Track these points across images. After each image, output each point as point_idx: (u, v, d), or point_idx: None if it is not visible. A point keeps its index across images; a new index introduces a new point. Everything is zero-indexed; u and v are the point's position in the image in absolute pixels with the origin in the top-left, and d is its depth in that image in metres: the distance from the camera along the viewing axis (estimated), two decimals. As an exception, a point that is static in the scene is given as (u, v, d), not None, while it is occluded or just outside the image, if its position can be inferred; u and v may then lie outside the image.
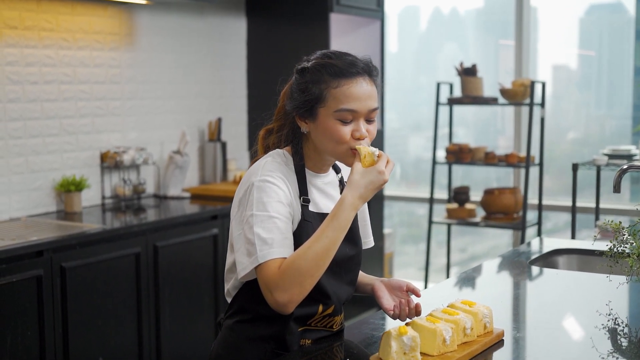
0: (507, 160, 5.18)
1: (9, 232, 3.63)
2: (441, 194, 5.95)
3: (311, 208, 2.01)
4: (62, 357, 3.51)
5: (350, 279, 2.10)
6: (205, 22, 5.04)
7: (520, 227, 5.15)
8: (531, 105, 5.07)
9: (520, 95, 5.14)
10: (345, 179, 2.16)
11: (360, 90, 1.94)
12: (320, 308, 2.01)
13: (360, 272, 2.20)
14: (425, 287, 5.36)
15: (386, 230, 5.84)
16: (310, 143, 2.02)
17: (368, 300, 5.49)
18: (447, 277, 5.61)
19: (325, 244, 1.83)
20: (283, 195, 1.92)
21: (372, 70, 1.98)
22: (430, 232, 5.52)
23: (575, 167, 4.68)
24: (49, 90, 4.14)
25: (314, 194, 2.04)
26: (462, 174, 6.36)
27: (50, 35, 4.12)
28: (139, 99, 4.65)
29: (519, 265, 2.90)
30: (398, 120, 6.94)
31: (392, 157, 1.95)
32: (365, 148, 1.90)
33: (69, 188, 4.14)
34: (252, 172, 1.97)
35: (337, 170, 2.15)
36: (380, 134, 5.58)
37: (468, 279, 2.76)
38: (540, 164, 5.25)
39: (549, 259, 3.07)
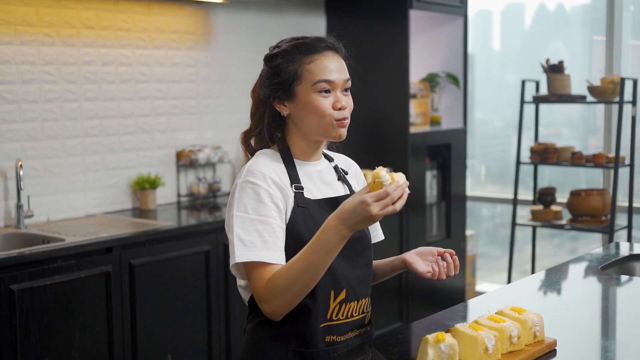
0: (595, 161, 4.97)
1: (82, 229, 3.69)
2: (530, 195, 5.76)
3: (306, 194, 1.99)
4: (130, 354, 3.54)
5: (364, 261, 2.05)
6: (284, 20, 5.02)
7: (608, 230, 4.93)
8: (621, 103, 4.84)
9: (610, 92, 4.92)
10: (341, 167, 2.14)
11: (332, 62, 1.99)
12: (332, 294, 1.96)
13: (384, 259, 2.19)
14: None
15: (468, 232, 5.69)
16: (293, 128, 2.04)
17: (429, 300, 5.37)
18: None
19: (304, 265, 1.81)
20: (265, 194, 1.91)
21: (338, 47, 2.04)
22: (514, 234, 5.35)
23: (666, 168, 4.44)
24: (125, 89, 4.20)
25: (306, 182, 2.02)
26: (554, 175, 6.15)
27: (127, 35, 4.18)
28: (215, 98, 4.66)
29: (589, 270, 2.75)
30: (501, 119, 6.77)
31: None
32: (378, 173, 1.77)
33: (144, 186, 4.19)
34: (239, 174, 1.98)
35: (329, 159, 2.14)
36: (462, 133, 5.44)
37: (531, 283, 2.63)
38: (631, 165, 5.01)
39: (624, 265, 2.90)
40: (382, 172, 1.77)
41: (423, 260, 2.09)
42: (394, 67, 5.01)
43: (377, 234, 2.21)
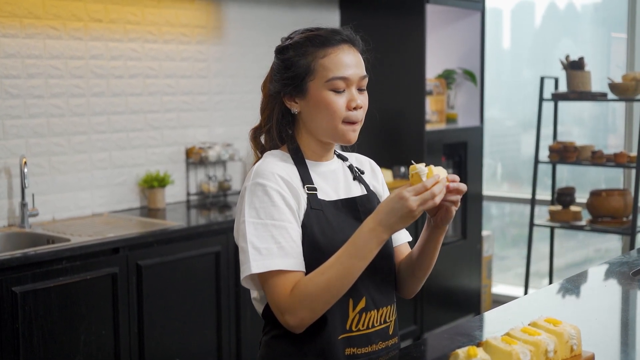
0: (616, 160, 4.82)
1: (88, 228, 3.57)
2: (545, 195, 5.62)
3: (321, 196, 1.85)
4: (137, 358, 3.42)
5: (386, 267, 1.91)
6: (297, 14, 4.89)
7: (629, 232, 4.78)
8: (643, 101, 4.70)
9: (632, 90, 4.78)
10: (356, 166, 2.01)
11: (348, 57, 1.84)
12: (351, 303, 1.82)
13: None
14: (526, 294, 5.06)
15: (485, 233, 5.55)
16: (303, 128, 1.89)
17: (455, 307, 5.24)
18: (550, 283, 5.29)
19: (339, 271, 1.69)
20: (277, 196, 1.77)
21: (355, 40, 1.89)
22: (532, 235, 5.20)
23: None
24: (134, 84, 4.08)
25: (320, 182, 1.88)
26: (571, 175, 6.00)
27: (136, 28, 4.06)
28: (226, 94, 4.54)
29: (621, 276, 2.61)
30: (511, 118, 6.65)
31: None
32: (415, 166, 1.69)
33: (152, 184, 4.07)
34: (247, 177, 1.84)
35: (343, 159, 2.00)
36: (478, 131, 5.31)
37: (561, 291, 2.50)
38: (653, 164, 4.85)
39: (656, 270, 2.76)
40: (418, 165, 1.68)
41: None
42: (409, 63, 4.88)
43: (401, 235, 2.05)
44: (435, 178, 1.67)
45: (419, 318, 4.87)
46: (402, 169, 4.93)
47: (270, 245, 1.73)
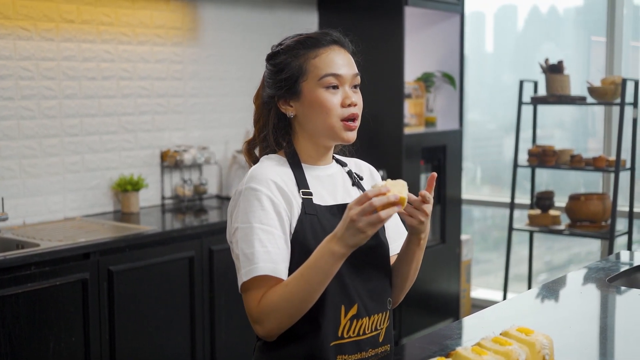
0: (595, 164, 4.80)
1: (59, 233, 3.50)
2: (526, 199, 5.59)
3: (316, 201, 1.84)
4: (108, 365, 3.36)
5: (379, 274, 1.89)
6: (275, 16, 4.84)
7: (608, 236, 4.76)
8: (622, 104, 4.68)
9: (611, 94, 4.76)
10: (355, 172, 2.00)
11: (339, 56, 1.86)
12: (343, 309, 1.80)
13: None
14: (504, 299, 5.03)
15: (464, 237, 5.52)
16: (299, 131, 1.89)
17: (435, 311, 5.21)
18: (529, 288, 5.26)
19: (300, 283, 1.68)
20: (267, 202, 1.76)
21: (344, 42, 1.91)
22: (511, 239, 5.17)
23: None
24: (107, 87, 4.01)
25: (316, 186, 1.87)
26: (551, 179, 5.98)
27: (109, 29, 3.99)
28: (202, 96, 4.48)
29: (597, 282, 2.58)
30: (493, 121, 6.63)
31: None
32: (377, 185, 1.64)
33: (126, 188, 4.01)
34: (242, 180, 1.83)
35: (342, 164, 2.00)
36: (458, 134, 5.28)
37: (539, 297, 2.46)
38: (632, 168, 4.84)
39: (633, 276, 2.73)
40: (379, 181, 1.65)
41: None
42: (388, 65, 4.84)
43: (395, 245, 2.00)
44: (380, 189, 1.61)
45: (398, 323, 4.83)
46: (381, 173, 4.89)
47: (256, 248, 1.73)
